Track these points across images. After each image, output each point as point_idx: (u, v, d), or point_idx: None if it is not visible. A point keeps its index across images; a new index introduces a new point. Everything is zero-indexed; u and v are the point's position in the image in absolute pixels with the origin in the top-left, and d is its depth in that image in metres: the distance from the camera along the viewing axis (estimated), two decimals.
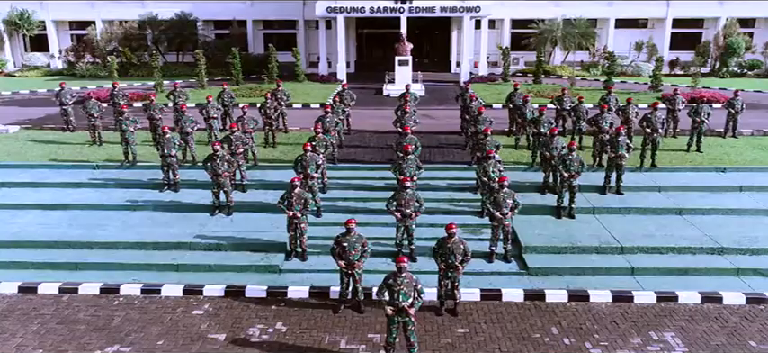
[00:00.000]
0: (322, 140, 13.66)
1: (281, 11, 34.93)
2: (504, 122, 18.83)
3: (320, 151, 13.45)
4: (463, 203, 13.44)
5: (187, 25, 33.80)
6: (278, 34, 36.27)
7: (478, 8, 29.21)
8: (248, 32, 35.67)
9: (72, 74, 33.18)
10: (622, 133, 13.55)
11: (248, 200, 13.43)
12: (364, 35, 37.05)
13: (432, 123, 20.49)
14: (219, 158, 12.56)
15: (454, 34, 35.23)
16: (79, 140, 17.87)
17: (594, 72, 33.13)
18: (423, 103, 23.56)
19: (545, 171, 13.85)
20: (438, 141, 17.94)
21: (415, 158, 12.55)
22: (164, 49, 34.36)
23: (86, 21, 35.16)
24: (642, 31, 35.76)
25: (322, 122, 15.10)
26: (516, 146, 16.97)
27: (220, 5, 35.13)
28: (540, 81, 28.96)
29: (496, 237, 11.12)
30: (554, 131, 13.66)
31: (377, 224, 12.19)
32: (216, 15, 35.40)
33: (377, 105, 23.96)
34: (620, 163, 13.49)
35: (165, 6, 33.76)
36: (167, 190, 13.97)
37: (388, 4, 29.18)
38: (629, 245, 11.43)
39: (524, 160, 15.73)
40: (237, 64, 28.25)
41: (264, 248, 11.54)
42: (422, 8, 29.18)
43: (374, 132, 18.92)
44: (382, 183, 14.07)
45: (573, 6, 33.68)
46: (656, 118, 14.89)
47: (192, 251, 11.48)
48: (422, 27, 34.91)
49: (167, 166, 13.84)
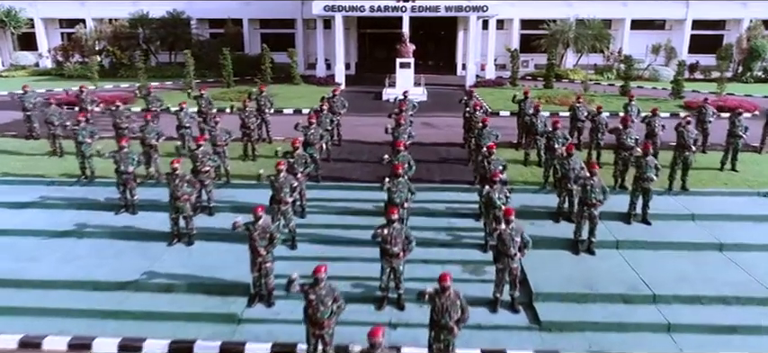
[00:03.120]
0: (301, 156, 11.68)
1: (279, 9, 32.97)
2: (512, 133, 16.78)
3: (299, 169, 11.50)
4: (464, 232, 11.41)
5: (180, 24, 31.96)
6: (275, 34, 34.31)
7: (486, 7, 27.12)
8: (244, 32, 33.78)
9: (60, 74, 31.45)
10: (651, 153, 11.46)
11: (214, 226, 11.47)
12: (367, 36, 35.04)
13: (432, 133, 18.47)
14: (179, 177, 10.64)
15: (460, 35, 33.15)
16: (40, 149, 16.02)
17: (609, 76, 30.94)
18: (424, 108, 21.56)
19: (560, 195, 11.80)
20: (438, 155, 15.92)
21: (406, 181, 10.56)
22: (155, 48, 32.57)
23: (77, 19, 33.41)
24: (659, 33, 33.46)
25: (304, 134, 13.15)
26: (526, 162, 14.91)
27: (215, 4, 33.23)
28: (552, 85, 26.83)
29: (502, 281, 9.10)
30: (571, 148, 11.60)
31: (361, 259, 10.21)
32: (210, 14, 33.51)
33: (374, 111, 21.95)
34: (647, 187, 11.42)
35: (158, 5, 31.96)
36: (124, 212, 12.07)
37: (390, 3, 27.16)
38: (664, 292, 9.36)
39: (535, 180, 13.68)
40: (228, 65, 26.37)
41: (224, 290, 9.58)
42: (425, 7, 27.13)
43: (368, 143, 16.93)
44: (371, 206, 12.07)
45: (586, 6, 31.47)
46: (688, 133, 12.79)
47: (139, 293, 9.55)
48: (426, 27, 32.86)
49: (123, 184, 11.94)
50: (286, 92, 25.51)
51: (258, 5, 33.34)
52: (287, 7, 33.03)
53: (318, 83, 28.06)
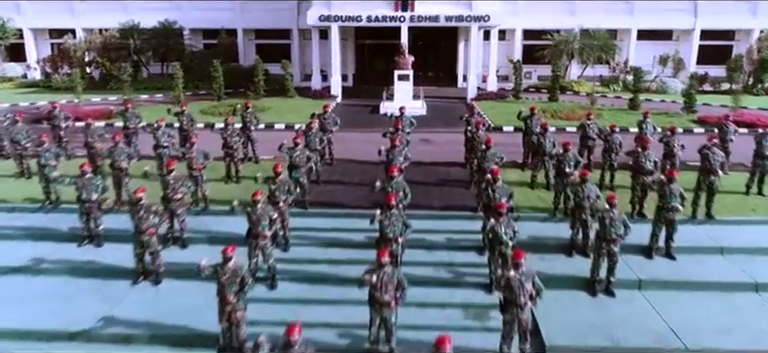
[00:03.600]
0: (284, 183, 10.41)
1: (274, 19, 31.87)
2: (517, 151, 15.50)
3: (280, 198, 10.23)
4: (466, 268, 10.10)
5: (172, 34, 30.84)
6: (270, 45, 33.17)
7: (488, 17, 25.94)
8: (238, 42, 32.65)
9: (48, 86, 30.31)
10: (676, 179, 10.17)
11: (186, 261, 10.17)
12: (365, 46, 33.88)
13: (431, 151, 17.21)
14: (144, 208, 9.37)
15: (461, 46, 32.00)
16: (8, 170, 14.76)
17: (615, 88, 29.72)
18: (424, 123, 20.34)
19: (573, 226, 10.50)
20: (437, 176, 14.65)
21: (400, 213, 9.28)
22: (147, 59, 31.43)
23: (67, 30, 32.31)
24: (667, 44, 32.27)
25: (290, 156, 11.90)
26: (532, 185, 13.62)
27: (208, 14, 32.15)
28: (557, 98, 25.57)
29: (511, 334, 7.78)
30: (585, 174, 10.31)
31: (350, 302, 8.88)
32: (204, 24, 32.43)
33: (370, 126, 20.70)
34: (672, 218, 10.13)
35: (150, 14, 30.87)
36: (88, 244, 10.80)
37: (388, 13, 26.02)
38: (698, 347, 8.04)
39: (543, 206, 12.39)
40: (219, 77, 25.18)
41: (192, 341, 8.27)
42: (425, 17, 25.97)
43: (362, 163, 15.66)
44: (363, 236, 10.77)
45: (591, 16, 30.35)
46: (714, 155, 11.51)
47: (90, 345, 8.24)
48: (426, 38, 31.73)
49: (86, 213, 10.68)
50: (279, 105, 24.32)
51: (253, 15, 32.27)
52: (283, 17, 31.93)
53: (314, 96, 26.87)
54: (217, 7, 32.34)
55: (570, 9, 31.35)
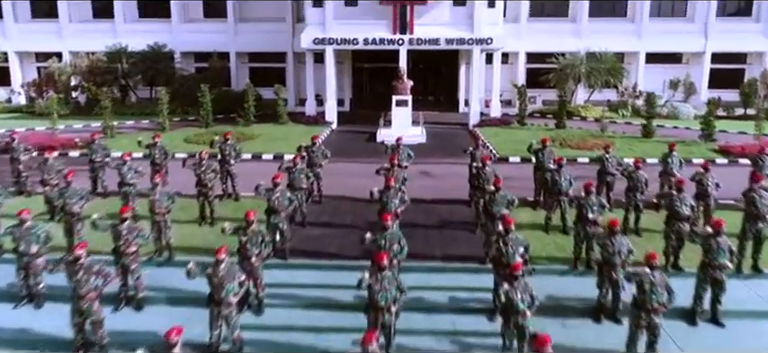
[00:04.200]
0: (255, 234, 8.70)
1: (268, 42, 30.44)
2: (526, 186, 13.81)
3: (253, 252, 8.53)
4: (474, 338, 8.33)
5: (161, 58, 29.38)
6: (264, 68, 31.77)
7: (490, 40, 24.50)
8: (231, 66, 31.20)
9: (31, 111, 28.81)
10: (723, 232, 8.45)
11: (141, 329, 8.44)
12: (363, 70, 32.43)
13: (432, 186, 15.53)
14: (83, 268, 7.66)
15: (462, 70, 30.52)
16: None
17: (624, 113, 28.14)
18: (423, 152, 18.75)
19: (601, 285, 8.74)
20: (438, 216, 12.96)
21: (393, 275, 7.57)
22: (135, 83, 29.96)
23: (54, 53, 30.89)
24: (676, 67, 30.75)
25: (268, 199, 10.24)
26: (547, 228, 11.92)
27: (200, 36, 30.81)
28: (564, 124, 23.97)
29: None
30: (615, 224, 8.59)
31: None
32: (195, 47, 31.02)
33: (366, 157, 19.08)
34: (720, 278, 8.41)
35: (140, 37, 29.51)
36: (25, 304, 9.07)
37: (386, 35, 24.60)
38: None
39: (561, 255, 10.68)
40: (207, 102, 23.63)
41: None
42: (424, 40, 24.54)
43: (355, 200, 13.96)
44: (351, 296, 9.04)
45: (597, 39, 28.92)
46: (762, 199, 9.82)
47: None
48: (426, 61, 30.32)
49: (24, 269, 8.97)
50: (270, 132, 22.73)
51: (246, 38, 30.89)
52: (277, 40, 30.53)
53: (308, 122, 25.31)
54: (208, 30, 31.03)
55: (576, 31, 29.97)
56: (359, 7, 25.50)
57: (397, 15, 24.39)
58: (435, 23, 24.87)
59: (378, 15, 24.69)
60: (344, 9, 25.48)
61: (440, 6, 25.24)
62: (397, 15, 24.40)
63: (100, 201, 13.69)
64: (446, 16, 25.32)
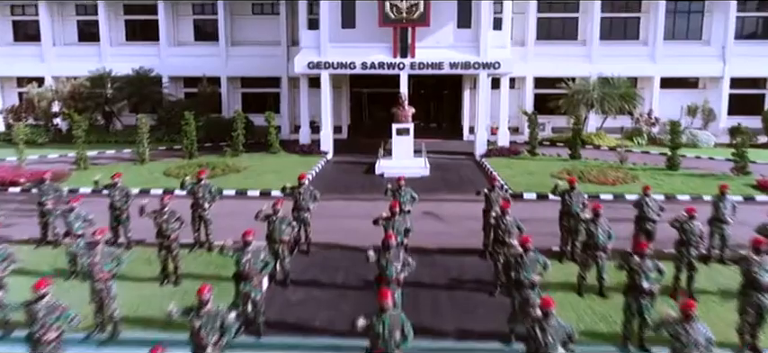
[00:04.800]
0: (212, 316, 6.49)
1: (262, 66, 28.55)
2: (547, 231, 11.66)
3: (208, 340, 6.36)
4: None
5: (147, 82, 27.46)
6: (258, 94, 29.85)
7: (498, 64, 22.57)
8: (222, 92, 29.25)
9: (8, 139, 26.75)
10: None
11: None
12: (363, 96, 30.46)
13: (438, 232, 13.34)
14: None
15: (466, 94, 28.57)
16: None
17: (640, 141, 26.09)
18: (427, 187, 16.70)
19: None
20: (446, 272, 10.76)
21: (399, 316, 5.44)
22: (120, 109, 28.01)
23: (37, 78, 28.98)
24: (692, 92, 28.79)
25: (237, 261, 8.08)
26: (580, 290, 9.73)
27: (189, 60, 28.91)
28: (579, 154, 21.85)
29: None
30: (691, 307, 6.38)
31: None
32: (184, 71, 29.11)
33: (363, 193, 17.02)
34: None
35: (127, 61, 27.66)
36: None
37: (385, 59, 22.69)
38: None
39: (606, 330, 8.47)
40: (191, 131, 21.59)
41: None
42: (427, 64, 22.62)
43: (348, 249, 11.79)
44: None
45: (609, 63, 27.07)
46: None
47: None
48: (427, 86, 28.38)
49: None
50: (259, 164, 20.64)
51: (238, 62, 29.00)
52: (271, 64, 28.64)
53: (301, 151, 23.24)
54: (199, 54, 29.16)
55: (586, 55, 28.11)
56: (357, 30, 23.65)
57: (398, 38, 22.52)
58: (438, 46, 23.00)
59: (377, 38, 22.83)
60: (341, 31, 23.63)
61: (443, 28, 23.39)
62: (397, 38, 22.52)
63: (50, 251, 11.57)
64: (450, 39, 23.46)
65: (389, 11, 22.24)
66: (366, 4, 23.12)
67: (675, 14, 28.60)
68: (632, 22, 29.25)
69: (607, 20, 28.49)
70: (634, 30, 29.22)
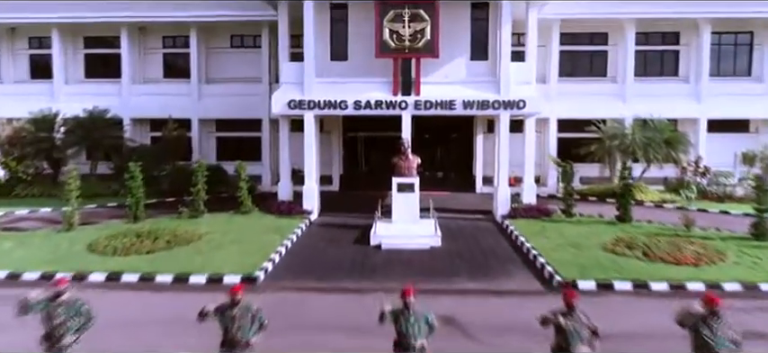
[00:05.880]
0: None
1: (240, 107, 24.02)
2: None
3: None
4: None
5: (101, 125, 22.78)
6: (235, 139, 25.22)
7: (523, 103, 17.93)
8: (193, 135, 24.59)
9: None
10: None
11: None
12: (360, 140, 25.78)
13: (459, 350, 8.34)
14: None
15: (478, 139, 23.90)
16: None
17: (689, 195, 21.15)
18: (439, 267, 11.99)
19: None
20: None
21: None
22: (70, 156, 23.23)
23: None
24: (743, 137, 24.10)
25: None
26: None
27: (155, 99, 24.38)
28: (629, 216, 16.85)
29: None
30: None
31: None
32: (150, 112, 24.52)
33: (351, 277, 12.02)
34: None
35: (86, 100, 23.14)
36: None
37: (383, 97, 18.09)
38: None
39: None
40: (135, 187, 16.72)
41: None
42: (435, 103, 17.99)
43: None
44: None
45: (645, 102, 22.59)
46: None
47: None
48: (432, 128, 23.75)
49: None
50: (221, 231, 15.66)
51: (212, 102, 24.51)
52: (251, 104, 24.11)
53: (279, 211, 18.26)
54: (168, 92, 24.63)
55: (618, 93, 23.64)
56: (350, 62, 19.19)
57: (399, 71, 17.97)
58: (448, 82, 18.48)
59: (374, 72, 18.32)
60: (330, 64, 19.16)
61: (454, 60, 18.92)
62: (398, 71, 17.98)
63: None
64: (462, 73, 18.96)
65: (389, 39, 17.77)
66: (360, 32, 18.72)
67: (720, 48, 24.24)
68: (669, 57, 24.85)
69: (640, 53, 24.10)
70: (671, 65, 24.79)
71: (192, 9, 23.35)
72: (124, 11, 23.45)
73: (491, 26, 19.27)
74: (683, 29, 24.03)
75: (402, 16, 17.69)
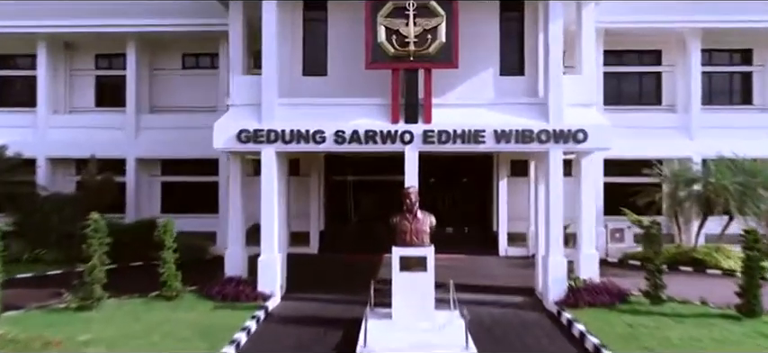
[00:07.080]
0: None
1: (190, 144, 17.84)
2: None
3: None
4: None
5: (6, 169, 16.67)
6: (184, 184, 19.09)
7: (583, 135, 11.94)
8: (128, 180, 18.39)
9: None
10: None
11: None
12: (347, 185, 19.70)
13: None
14: None
15: (502, 185, 17.92)
16: None
17: None
18: None
19: None
20: None
21: None
22: None
23: None
24: None
25: None
26: None
27: (84, 134, 18.32)
28: (761, 306, 10.68)
29: None
30: None
31: None
32: (75, 151, 18.37)
33: None
34: None
35: None
36: None
37: (378, 126, 12.07)
38: None
39: None
40: None
41: None
42: (452, 134, 11.98)
43: None
44: None
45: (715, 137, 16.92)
46: None
47: None
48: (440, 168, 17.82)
49: None
50: (122, 330, 9.26)
51: (155, 137, 18.45)
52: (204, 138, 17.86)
53: (223, 294, 11.82)
54: (98, 124, 18.59)
55: (681, 125, 17.96)
56: (329, 77, 13.28)
57: (401, 89, 12.06)
58: (467, 103, 12.53)
59: (363, 90, 12.45)
60: (302, 80, 13.27)
61: (478, 75, 13.10)
62: (399, 89, 12.06)
63: None
64: (489, 92, 13.09)
65: (386, 41, 11.90)
66: (345, 35, 12.93)
67: None
68: (738, 80, 19.32)
69: (704, 77, 18.53)
70: (742, 89, 19.26)
71: (130, 16, 17.57)
72: (42, 19, 17.64)
73: (528, 30, 13.53)
74: (758, 45, 18.57)
75: (405, 9, 11.89)
